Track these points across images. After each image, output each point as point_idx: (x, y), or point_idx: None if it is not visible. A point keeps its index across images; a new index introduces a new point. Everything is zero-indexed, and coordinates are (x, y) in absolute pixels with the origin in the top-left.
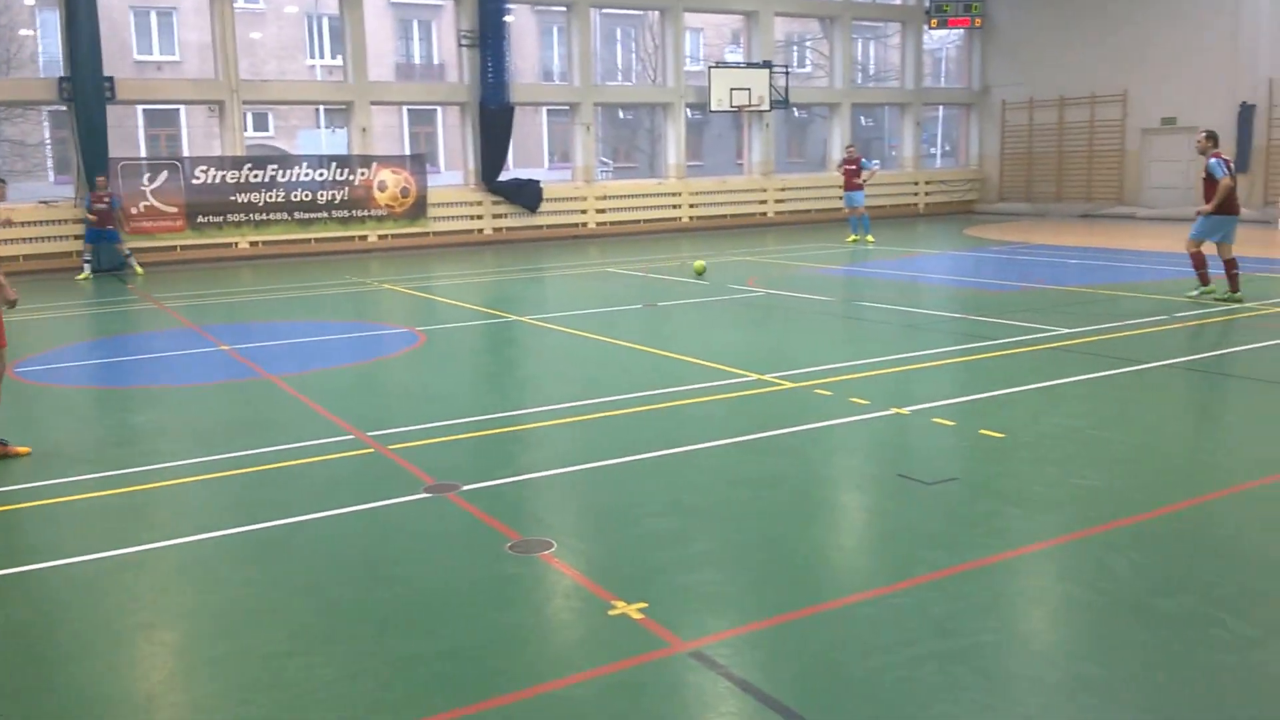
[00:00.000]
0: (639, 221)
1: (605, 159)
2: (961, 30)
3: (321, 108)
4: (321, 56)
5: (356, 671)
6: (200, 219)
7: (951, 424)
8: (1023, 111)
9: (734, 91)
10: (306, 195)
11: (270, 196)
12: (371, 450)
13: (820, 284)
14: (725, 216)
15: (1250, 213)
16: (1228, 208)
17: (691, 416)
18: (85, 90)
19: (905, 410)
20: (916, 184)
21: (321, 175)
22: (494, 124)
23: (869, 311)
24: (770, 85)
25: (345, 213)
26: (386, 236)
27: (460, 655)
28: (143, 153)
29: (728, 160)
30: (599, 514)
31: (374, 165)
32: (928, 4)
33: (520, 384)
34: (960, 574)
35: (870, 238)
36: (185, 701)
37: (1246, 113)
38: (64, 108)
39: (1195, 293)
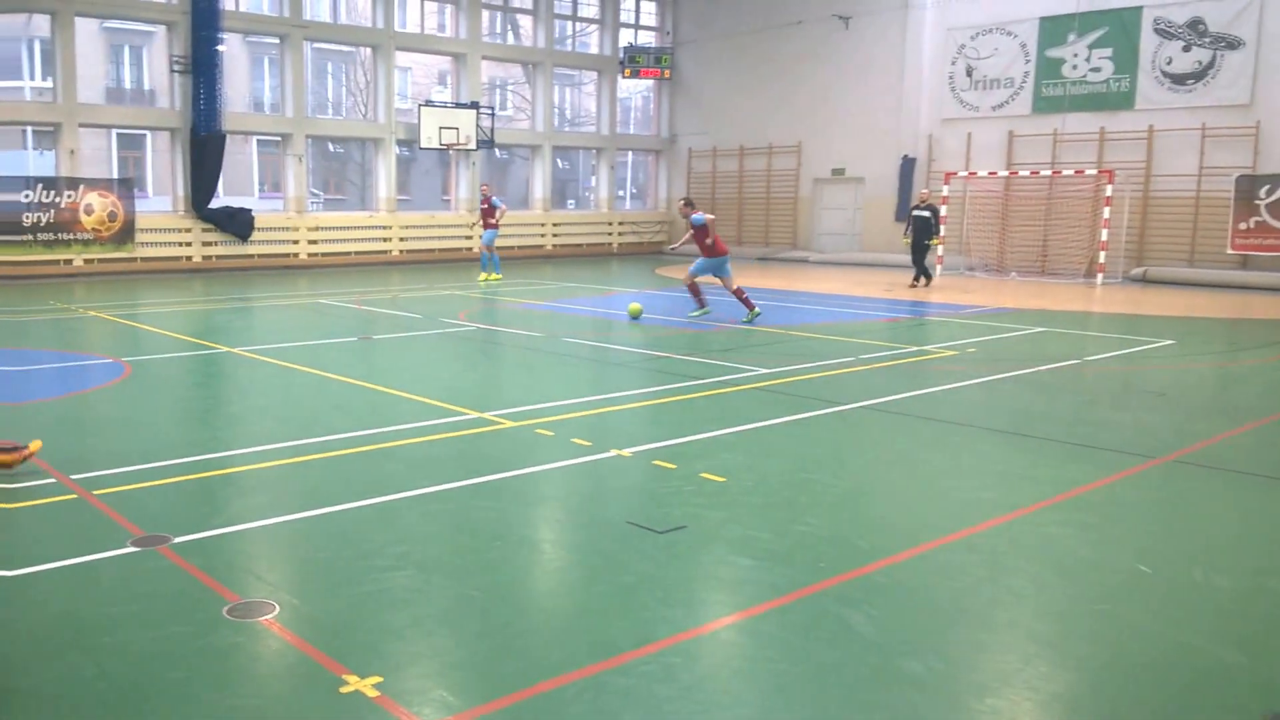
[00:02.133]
0: (350, 254)
1: (316, 190)
2: (652, 81)
3: (30, 129)
4: (32, 78)
5: None
6: None
7: (673, 467)
8: (707, 159)
9: (443, 130)
10: (8, 216)
11: None
12: (74, 496)
13: (528, 319)
14: (434, 250)
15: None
16: (719, 250)
17: (415, 457)
18: None
19: (627, 452)
20: (610, 224)
21: (27, 197)
22: (205, 151)
23: (578, 349)
24: (477, 125)
25: (50, 235)
26: (93, 261)
27: None
28: None
29: (434, 196)
30: (324, 569)
31: (81, 188)
32: (622, 55)
33: (233, 421)
34: (705, 636)
35: (497, 275)
36: None
37: (908, 165)
38: None
39: (696, 313)
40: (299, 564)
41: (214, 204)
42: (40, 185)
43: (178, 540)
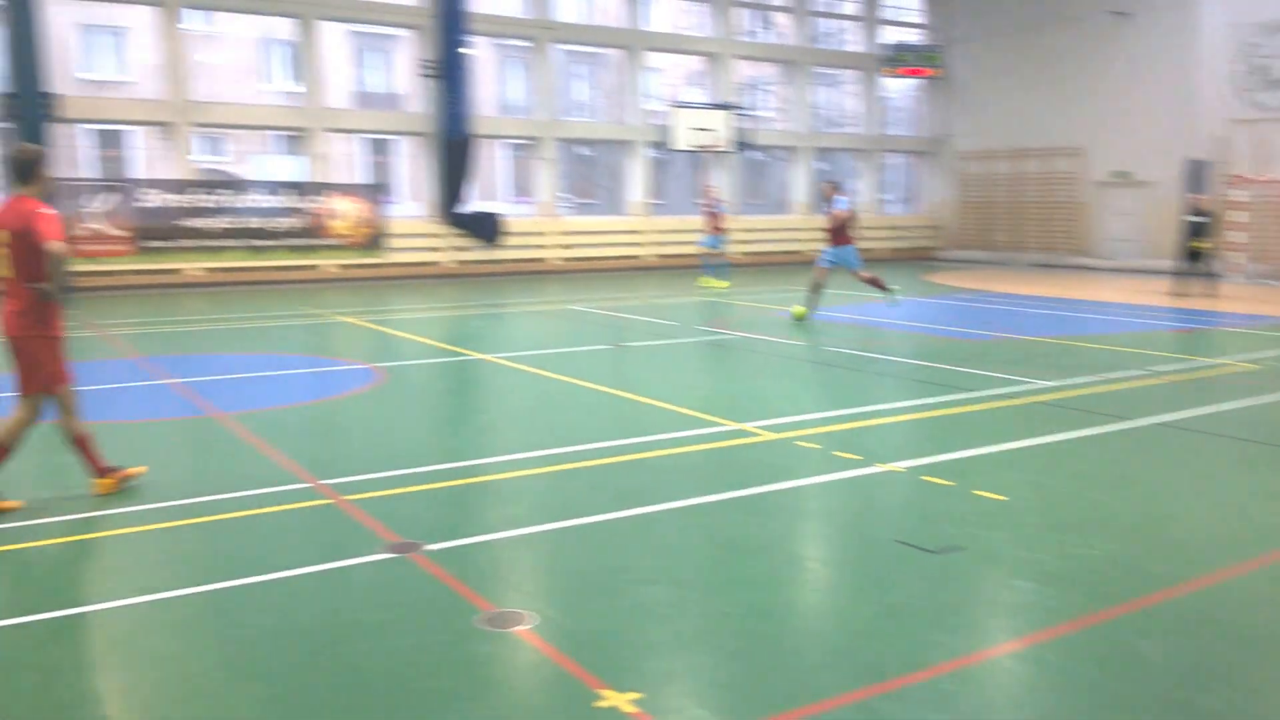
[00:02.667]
0: (601, 259)
1: (565, 195)
2: (919, 80)
3: (281, 134)
4: (279, 82)
5: None
6: (148, 243)
7: (946, 483)
8: (979, 161)
9: (695, 131)
10: (261, 222)
11: (223, 222)
12: (328, 501)
13: (788, 328)
14: (688, 255)
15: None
16: (846, 238)
17: (670, 468)
18: (27, 108)
19: (896, 467)
20: (875, 230)
21: (277, 202)
22: (455, 155)
23: (842, 358)
24: (732, 126)
25: (300, 241)
26: (342, 266)
27: None
28: (93, 174)
29: (688, 200)
30: (579, 581)
31: (330, 194)
32: (887, 53)
33: (486, 429)
34: (983, 663)
35: (722, 283)
36: None
37: (1195, 168)
38: (7, 125)
39: (894, 296)
40: (553, 575)
41: (464, 209)
42: (289, 191)
43: (430, 547)
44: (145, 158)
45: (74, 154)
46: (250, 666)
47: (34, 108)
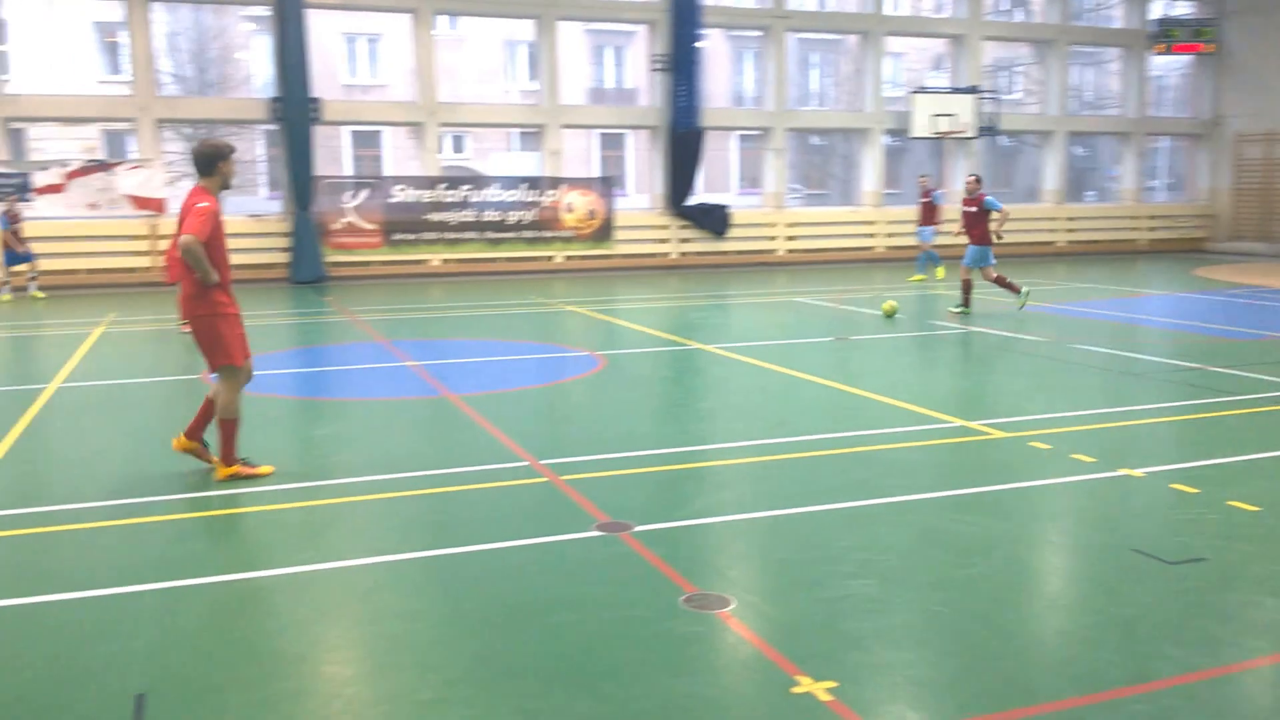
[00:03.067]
0: (830, 250)
1: (796, 185)
2: (1190, 57)
3: (517, 131)
4: (519, 81)
5: None
6: (396, 236)
7: (1194, 491)
8: (1258, 144)
9: (937, 118)
10: (497, 215)
11: (463, 216)
12: (544, 480)
13: (1028, 322)
14: (922, 246)
15: None
16: (988, 238)
17: (887, 463)
18: (293, 111)
19: (1137, 472)
20: (1138, 219)
21: (512, 196)
22: (683, 148)
23: (1086, 355)
24: (977, 111)
25: (533, 233)
26: (572, 258)
27: None
28: (350, 172)
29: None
30: (784, 570)
31: (563, 187)
32: (1153, 28)
33: (701, 417)
34: (1216, 679)
35: (921, 277)
36: None
37: None
38: (274, 126)
39: (1022, 299)
40: (759, 562)
41: (691, 200)
42: (524, 185)
43: (640, 529)
44: (396, 156)
45: (335, 154)
46: (465, 626)
47: (299, 111)
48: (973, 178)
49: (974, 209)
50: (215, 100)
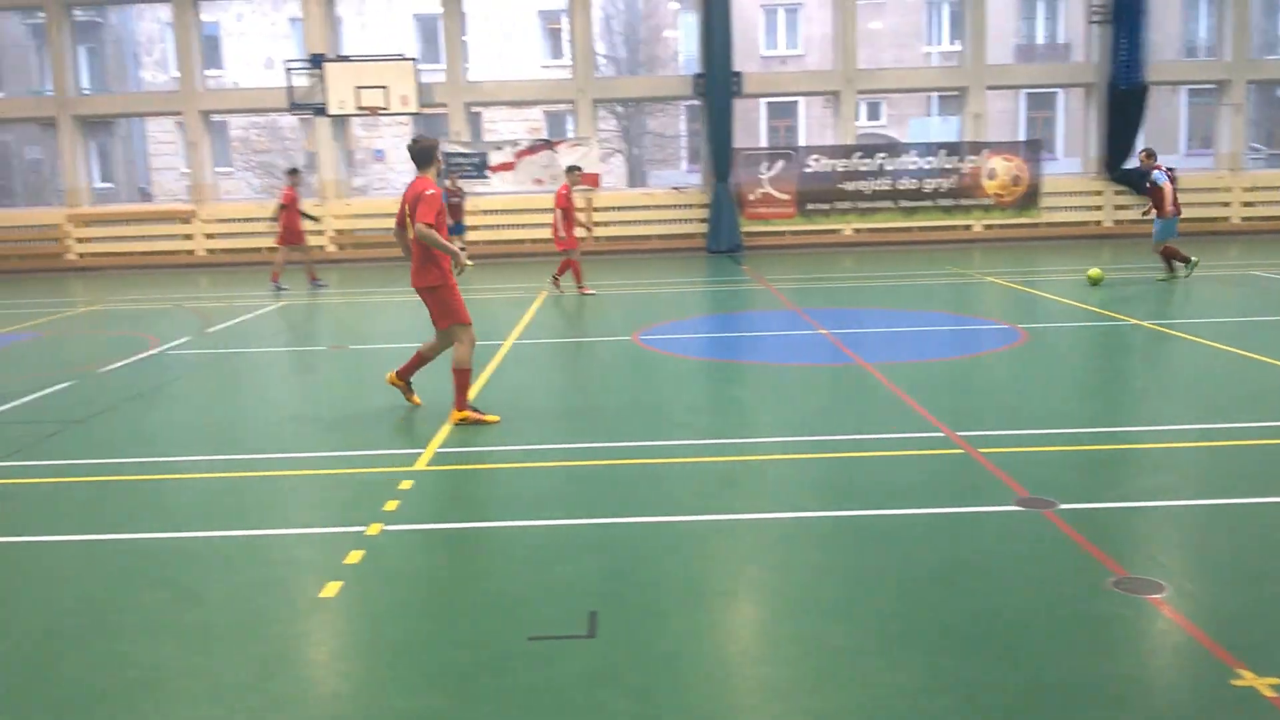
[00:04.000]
0: None
1: (1256, 145)
2: None
3: (935, 95)
4: (939, 43)
5: (935, 687)
6: (809, 206)
7: None
8: None
9: None
10: (913, 183)
11: (877, 185)
12: (960, 451)
13: None
14: None
15: None
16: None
17: None
18: (716, 85)
19: None
20: None
21: (929, 163)
22: (1123, 107)
23: None
24: None
25: (950, 201)
26: (992, 226)
27: (1048, 696)
28: (764, 143)
29: None
30: (1226, 561)
31: (985, 152)
32: None
33: (1132, 397)
34: None
35: None
36: (758, 676)
37: None
38: (697, 102)
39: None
40: (1197, 551)
41: (1130, 164)
42: (943, 151)
43: (1064, 507)
44: (810, 126)
45: (752, 126)
46: (877, 584)
47: (721, 86)
48: (1144, 152)
49: None
50: (644, 79)
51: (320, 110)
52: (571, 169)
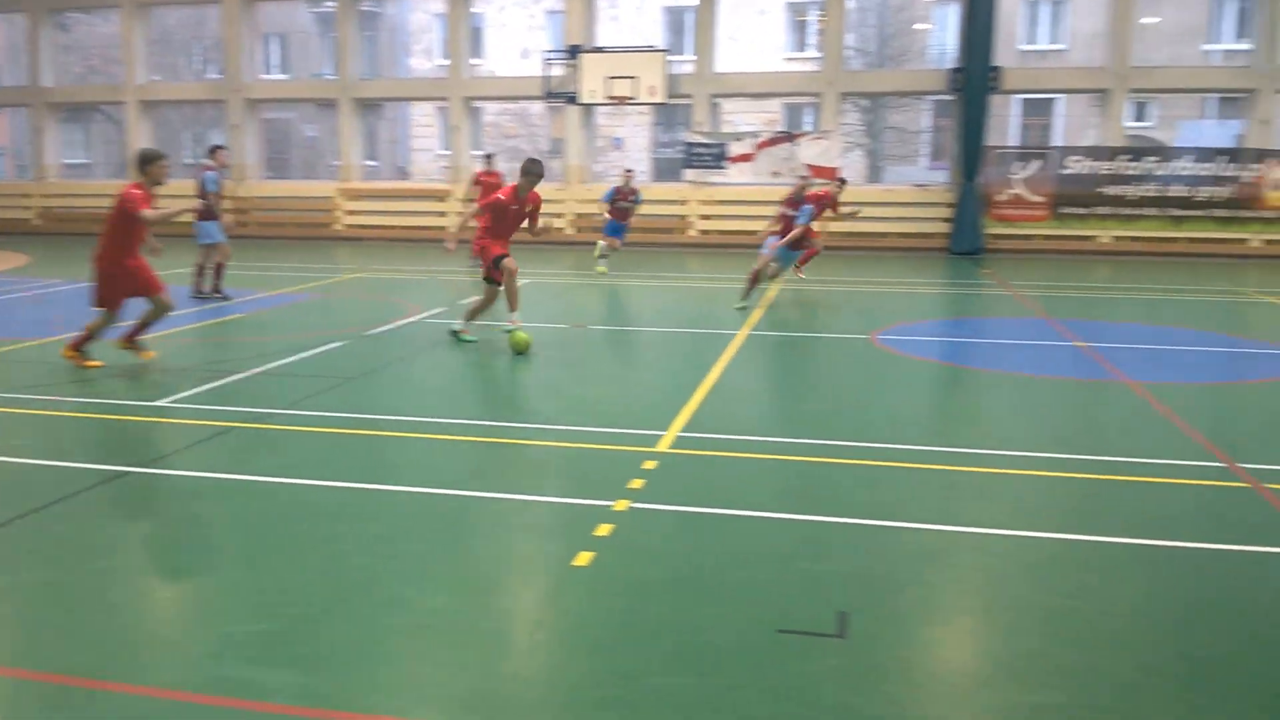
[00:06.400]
0: None
1: None
2: None
3: (1212, 98)
4: (1221, 40)
5: None
6: (1064, 209)
7: None
8: None
9: None
10: (1184, 190)
11: (1142, 190)
12: (1243, 485)
13: None
14: None
15: None
16: None
17: None
18: (973, 81)
19: None
20: None
21: (1205, 170)
22: None
23: None
24: None
25: (1226, 212)
26: (1273, 242)
27: None
28: (1015, 142)
29: None
30: None
31: (1270, 161)
32: None
33: None
34: None
35: None
36: (1021, 704)
37: None
38: (950, 97)
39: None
40: None
41: None
42: (1222, 157)
43: None
44: (1068, 125)
45: (1004, 123)
46: (1151, 618)
47: (979, 81)
48: None
49: None
50: (894, 73)
51: (572, 99)
52: (843, 180)
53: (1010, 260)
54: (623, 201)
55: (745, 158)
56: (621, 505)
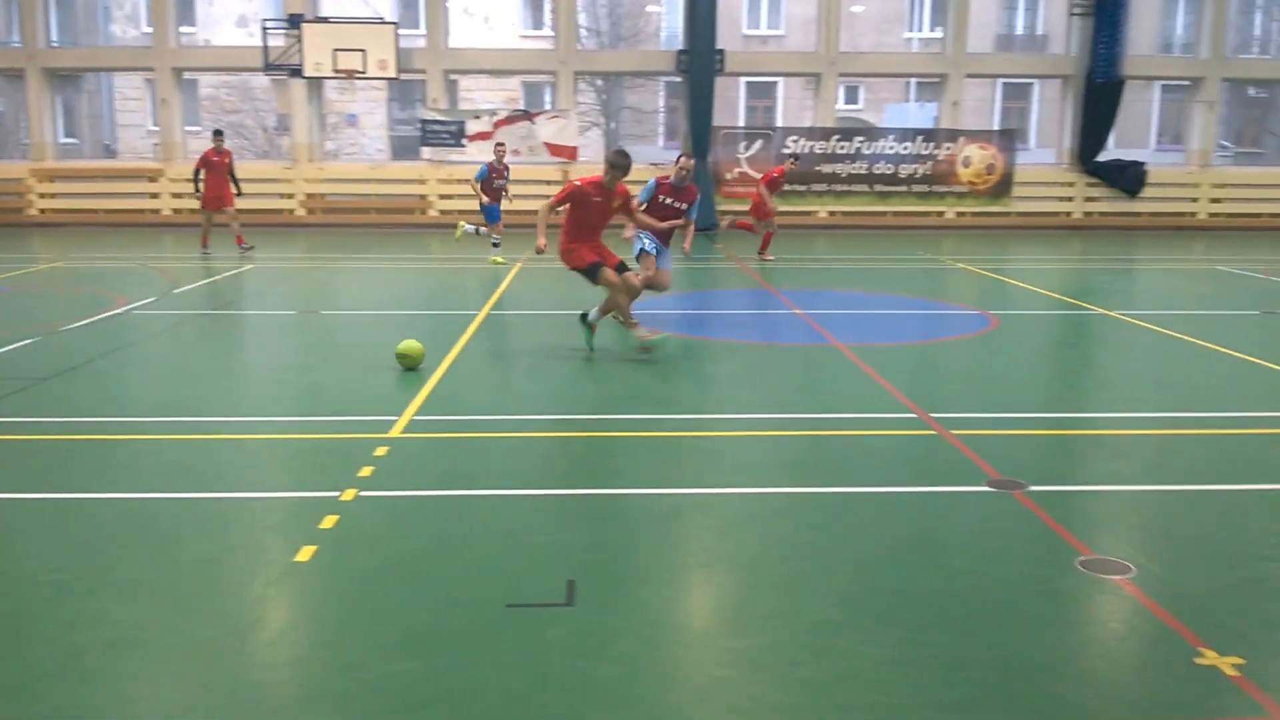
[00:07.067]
0: (1262, 215)
1: (1226, 143)
2: None
3: (913, 81)
4: (920, 29)
5: (908, 659)
6: (786, 187)
7: None
8: None
9: None
10: (889, 168)
11: (854, 168)
12: (933, 433)
13: None
14: None
15: None
16: None
17: None
18: (699, 63)
19: None
20: None
21: (906, 149)
22: (1099, 100)
23: None
24: None
25: (925, 188)
26: (965, 214)
27: (1015, 668)
28: (742, 122)
29: None
30: (1192, 545)
31: (960, 140)
32: None
33: (1100, 384)
34: None
35: None
36: (738, 648)
37: None
38: (678, 78)
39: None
40: (1164, 534)
41: (1102, 157)
42: (919, 138)
43: (1033, 489)
44: (788, 107)
45: (731, 104)
46: (857, 559)
47: (704, 63)
48: None
49: None
50: (626, 53)
51: (296, 72)
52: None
53: (740, 236)
54: (498, 180)
55: (484, 135)
56: (349, 495)
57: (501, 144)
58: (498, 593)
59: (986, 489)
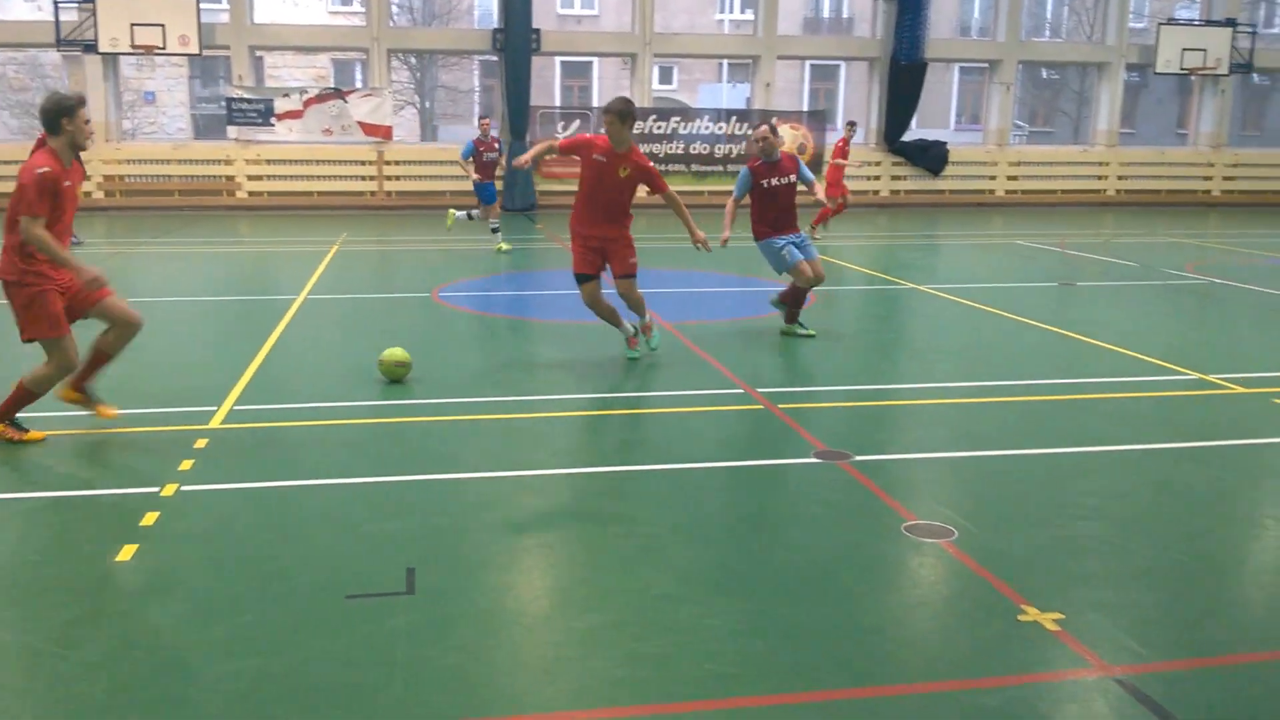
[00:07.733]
0: (1056, 191)
1: (1020, 122)
2: None
3: (725, 63)
4: (731, 11)
5: (747, 630)
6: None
7: None
8: None
9: (1186, 52)
10: (704, 148)
11: (670, 148)
12: (760, 407)
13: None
14: (1159, 192)
15: None
16: None
17: (1114, 412)
18: (514, 42)
19: None
20: None
21: (721, 129)
22: (903, 81)
23: None
24: (1232, 46)
25: (739, 167)
26: None
27: (850, 633)
28: (559, 102)
29: (1164, 129)
30: (1009, 508)
31: (773, 120)
32: None
33: (914, 355)
34: None
35: None
36: (580, 626)
37: None
38: (494, 57)
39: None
40: (982, 498)
41: (906, 137)
42: (734, 118)
43: (858, 458)
44: (604, 87)
45: (548, 84)
46: (696, 534)
47: (520, 42)
48: None
49: None
50: (440, 31)
51: (90, 48)
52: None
53: (560, 215)
54: (488, 153)
55: (294, 114)
56: (170, 490)
57: (485, 118)
58: (336, 583)
59: (814, 460)
